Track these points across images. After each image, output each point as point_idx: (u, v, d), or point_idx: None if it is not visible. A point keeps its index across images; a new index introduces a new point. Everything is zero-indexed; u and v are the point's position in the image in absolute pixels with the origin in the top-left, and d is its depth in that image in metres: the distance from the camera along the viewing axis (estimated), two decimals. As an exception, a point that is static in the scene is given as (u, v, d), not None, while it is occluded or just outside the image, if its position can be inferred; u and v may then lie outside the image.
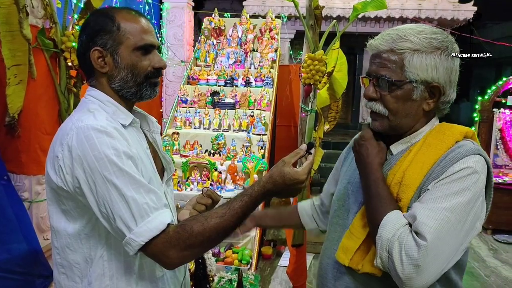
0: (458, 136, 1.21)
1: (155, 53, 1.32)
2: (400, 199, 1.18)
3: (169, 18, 5.70)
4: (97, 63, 1.27)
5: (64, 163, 1.17)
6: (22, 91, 2.49)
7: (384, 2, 2.65)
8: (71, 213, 1.23)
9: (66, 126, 1.22)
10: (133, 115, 1.33)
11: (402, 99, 1.21)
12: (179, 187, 3.94)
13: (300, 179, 1.20)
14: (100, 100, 1.29)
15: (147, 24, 1.32)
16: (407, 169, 1.20)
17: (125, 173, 1.14)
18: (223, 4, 13.98)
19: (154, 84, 1.34)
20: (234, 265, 3.35)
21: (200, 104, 4.74)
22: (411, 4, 7.26)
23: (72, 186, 1.17)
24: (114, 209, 1.13)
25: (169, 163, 1.47)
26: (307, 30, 2.70)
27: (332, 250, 1.35)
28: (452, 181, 1.12)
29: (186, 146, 4.30)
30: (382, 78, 1.22)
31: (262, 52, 5.32)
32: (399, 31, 1.21)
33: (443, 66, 1.19)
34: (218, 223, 1.15)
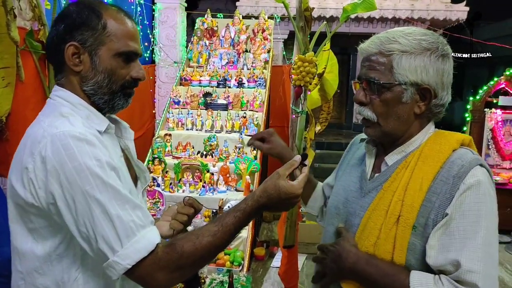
0: (455, 144, 1.18)
1: (137, 63, 1.21)
2: (405, 218, 1.13)
3: (162, 19, 5.67)
4: (70, 59, 1.13)
5: (36, 176, 1.02)
6: (10, 94, 2.49)
7: (373, 4, 2.65)
8: (40, 232, 1.08)
9: (35, 133, 1.06)
10: (108, 120, 1.21)
11: (392, 102, 1.18)
12: (171, 188, 3.92)
13: (296, 193, 1.14)
14: (71, 102, 1.14)
15: (134, 29, 1.20)
16: (408, 187, 1.15)
17: (109, 187, 1.01)
18: (217, 4, 13.96)
19: (128, 95, 1.22)
20: (226, 267, 3.34)
21: (193, 105, 4.73)
22: (404, 4, 7.28)
23: (45, 203, 1.03)
24: (96, 228, 1.00)
25: (144, 171, 1.35)
26: (297, 32, 2.70)
27: None
28: (472, 207, 1.08)
29: (178, 147, 4.29)
30: (371, 81, 1.19)
31: (255, 53, 5.32)
32: (388, 34, 1.19)
33: (433, 67, 1.16)
34: (211, 241, 1.07)
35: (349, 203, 1.31)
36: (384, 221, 1.16)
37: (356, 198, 1.28)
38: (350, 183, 1.34)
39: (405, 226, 1.13)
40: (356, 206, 1.27)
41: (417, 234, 1.12)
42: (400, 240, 1.13)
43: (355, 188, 1.31)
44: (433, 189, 1.12)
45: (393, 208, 1.16)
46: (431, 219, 1.11)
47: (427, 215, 1.11)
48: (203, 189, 3.90)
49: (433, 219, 1.10)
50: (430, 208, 1.11)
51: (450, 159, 1.14)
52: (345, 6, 2.70)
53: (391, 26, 7.61)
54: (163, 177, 3.97)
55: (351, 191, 1.32)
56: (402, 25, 7.53)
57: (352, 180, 1.34)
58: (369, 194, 1.25)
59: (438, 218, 1.10)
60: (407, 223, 1.13)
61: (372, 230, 1.18)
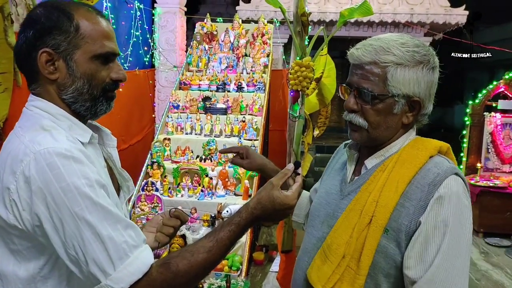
0: (432, 151, 1.20)
1: (116, 63, 1.14)
2: (377, 219, 1.16)
3: (161, 23, 5.70)
4: (44, 67, 1.05)
5: (20, 197, 0.95)
6: (8, 99, 2.49)
7: (370, 9, 2.66)
8: (23, 254, 1.01)
9: (16, 149, 0.98)
10: (91, 130, 1.14)
11: (384, 113, 1.20)
12: (170, 193, 3.93)
13: (290, 204, 1.13)
14: (51, 113, 1.06)
15: (109, 27, 1.12)
16: (383, 189, 1.18)
17: (99, 207, 0.95)
18: (219, 8, 13.98)
19: (110, 98, 1.15)
20: (224, 272, 3.34)
21: (192, 109, 4.73)
22: (404, 8, 7.28)
23: (30, 225, 0.96)
24: (87, 251, 0.94)
25: (127, 180, 1.29)
26: (295, 36, 2.71)
27: (304, 262, 1.34)
28: (445, 219, 1.10)
29: (177, 152, 4.29)
30: (364, 91, 1.20)
31: (254, 57, 5.32)
32: (382, 43, 1.19)
33: (425, 80, 1.18)
34: (206, 258, 1.04)
35: (329, 205, 1.34)
36: (358, 220, 1.19)
37: (336, 200, 1.32)
38: (332, 187, 1.38)
39: (376, 226, 1.15)
40: (335, 207, 1.30)
41: (389, 237, 1.14)
42: (370, 240, 1.15)
43: (336, 191, 1.34)
44: (408, 194, 1.15)
45: (367, 209, 1.18)
46: (405, 225, 1.13)
47: (399, 220, 1.14)
48: (201, 193, 3.90)
49: (406, 225, 1.13)
50: (404, 213, 1.14)
51: (427, 166, 1.17)
52: (342, 11, 2.71)
53: (391, 30, 7.62)
54: (162, 182, 3.97)
55: (332, 194, 1.35)
56: (401, 29, 7.55)
57: (334, 183, 1.37)
58: (347, 196, 1.28)
59: (411, 225, 1.13)
60: (379, 223, 1.15)
61: (346, 229, 1.21)
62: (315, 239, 1.34)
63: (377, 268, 1.15)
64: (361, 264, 1.15)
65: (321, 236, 1.31)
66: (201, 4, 14.01)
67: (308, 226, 1.44)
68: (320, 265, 1.24)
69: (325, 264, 1.22)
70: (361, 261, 1.15)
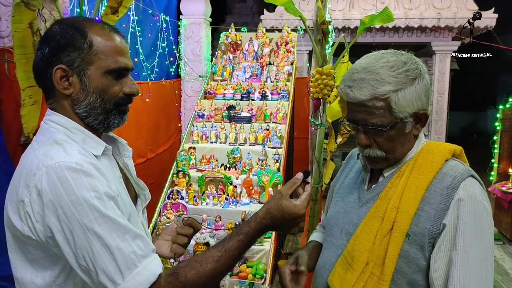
0: (447, 155, 1.23)
1: (128, 78, 1.17)
2: (399, 225, 1.18)
3: (187, 34, 5.80)
4: (59, 83, 1.09)
5: (33, 209, 0.99)
6: (37, 111, 2.59)
7: (391, 15, 2.64)
8: (40, 262, 1.05)
9: (30, 163, 1.03)
10: (104, 142, 1.17)
11: (396, 137, 1.23)
12: (195, 201, 3.97)
13: (299, 213, 1.14)
14: (66, 127, 1.11)
15: (122, 43, 1.15)
16: (403, 195, 1.20)
17: (108, 219, 0.99)
18: (245, 18, 14.13)
19: (123, 112, 1.18)
20: (248, 280, 3.35)
21: (217, 118, 4.78)
22: (430, 13, 7.17)
23: (43, 236, 1.00)
24: (96, 261, 0.97)
25: (143, 189, 1.31)
26: (315, 45, 2.72)
27: (325, 269, 1.35)
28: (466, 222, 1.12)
29: (202, 160, 4.34)
30: (375, 127, 1.21)
31: (278, 65, 5.34)
32: (373, 74, 1.19)
33: (423, 91, 1.21)
34: (214, 268, 1.06)
35: (347, 213, 1.35)
36: (379, 227, 1.21)
37: (354, 208, 1.33)
38: (348, 195, 1.39)
39: (399, 232, 1.17)
40: (354, 215, 1.32)
41: (411, 242, 1.16)
42: (393, 246, 1.16)
43: (353, 199, 1.36)
44: (427, 199, 1.17)
45: (388, 215, 1.20)
46: (427, 229, 1.15)
47: (421, 224, 1.16)
48: (226, 201, 3.93)
49: (429, 228, 1.15)
50: (424, 217, 1.16)
51: (443, 170, 1.19)
52: (362, 19, 2.71)
53: (417, 35, 7.53)
54: (187, 190, 4.02)
55: (349, 202, 1.37)
56: (428, 34, 7.44)
57: (350, 191, 1.39)
58: (366, 204, 1.30)
59: (434, 228, 1.15)
60: (401, 229, 1.17)
61: (367, 235, 1.23)
62: (334, 247, 1.36)
63: (400, 273, 1.17)
64: (385, 270, 1.16)
65: (340, 244, 1.33)
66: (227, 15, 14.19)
67: (326, 235, 1.44)
68: (342, 273, 1.25)
69: (348, 271, 1.23)
70: (385, 267, 1.16)
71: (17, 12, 2.44)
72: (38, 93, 2.67)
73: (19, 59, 2.53)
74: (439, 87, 7.61)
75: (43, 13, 2.58)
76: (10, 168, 2.46)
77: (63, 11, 2.71)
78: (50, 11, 2.64)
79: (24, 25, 2.48)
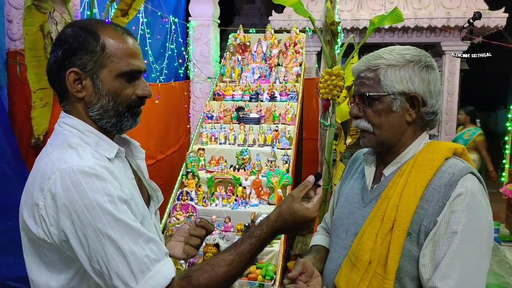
0: (447, 153, 1.23)
1: (141, 80, 1.16)
2: (399, 223, 1.18)
3: (196, 36, 5.81)
4: (72, 86, 1.09)
5: (47, 213, 1.00)
6: (48, 113, 2.61)
7: (401, 15, 2.63)
8: (54, 265, 1.06)
9: (45, 166, 1.03)
10: (117, 145, 1.16)
11: (384, 112, 1.26)
12: (204, 202, 3.98)
13: (311, 216, 1.14)
14: (79, 129, 1.10)
15: (134, 45, 1.15)
16: (402, 193, 1.20)
17: (121, 223, 0.99)
18: (253, 19, 14.15)
19: (136, 114, 1.18)
20: (257, 281, 3.34)
21: (226, 119, 4.79)
22: (440, 13, 7.12)
23: (58, 239, 1.01)
24: (110, 265, 0.98)
25: (156, 191, 1.31)
26: (324, 45, 2.71)
27: (331, 270, 1.36)
28: (458, 216, 1.12)
29: (211, 161, 4.34)
30: (362, 94, 1.27)
31: (287, 66, 5.34)
32: (375, 53, 1.30)
33: (418, 77, 1.23)
34: (227, 271, 1.06)
35: (352, 214, 1.36)
36: (380, 226, 1.21)
37: (358, 209, 1.34)
38: (353, 195, 1.40)
39: (399, 230, 1.17)
40: (358, 216, 1.33)
41: (412, 241, 1.16)
42: (394, 245, 1.17)
43: (358, 199, 1.37)
44: (426, 197, 1.17)
45: (389, 214, 1.20)
46: (424, 226, 1.15)
47: (420, 222, 1.16)
48: (235, 202, 3.93)
49: (425, 226, 1.15)
50: (423, 215, 1.16)
51: (442, 168, 1.20)
52: (372, 19, 2.70)
53: (427, 36, 7.48)
54: (197, 191, 4.03)
55: (354, 202, 1.38)
56: (438, 34, 7.39)
57: (355, 192, 1.40)
58: (369, 204, 1.31)
59: (430, 225, 1.15)
60: (401, 227, 1.17)
61: (369, 235, 1.23)
62: (340, 248, 1.36)
63: (403, 272, 1.16)
64: (388, 269, 1.16)
65: (346, 244, 1.33)
66: (235, 16, 14.23)
67: (332, 235, 1.45)
68: (347, 273, 1.26)
69: (352, 271, 1.24)
70: (388, 266, 1.16)
71: (28, 15, 2.47)
72: (49, 95, 2.69)
73: (30, 61, 2.56)
74: (449, 88, 7.55)
75: (54, 16, 2.61)
76: (23, 170, 2.49)
77: (74, 13, 2.74)
78: (61, 13, 2.67)
79: (35, 28, 2.51)
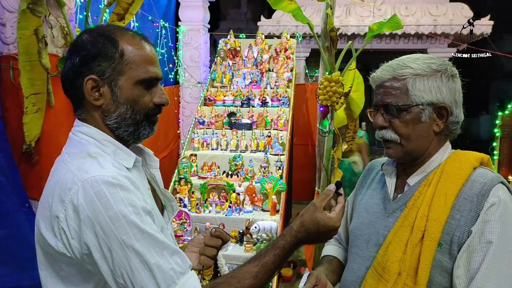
0: (475, 163, 1.22)
1: (158, 87, 1.13)
2: (430, 233, 1.16)
3: (186, 41, 5.77)
4: (90, 94, 1.05)
5: (68, 226, 0.95)
6: (40, 119, 2.54)
7: (399, 23, 2.64)
8: (72, 280, 1.01)
9: (64, 177, 0.99)
10: (134, 154, 1.13)
11: (412, 123, 1.24)
12: (198, 209, 3.93)
13: (335, 226, 1.12)
14: (96, 138, 1.06)
15: (153, 52, 1.13)
16: (432, 203, 1.19)
17: (146, 235, 0.95)
18: (239, 24, 14.14)
19: (153, 123, 1.15)
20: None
21: (217, 125, 4.76)
22: (427, 20, 7.22)
23: (79, 253, 0.96)
24: (135, 279, 0.94)
25: (171, 200, 1.27)
26: (323, 52, 2.70)
27: (352, 282, 1.33)
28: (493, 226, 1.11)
29: (204, 167, 4.30)
30: (389, 105, 1.24)
31: (278, 72, 5.34)
32: (398, 61, 1.27)
33: (446, 87, 1.22)
34: (252, 284, 1.03)
35: (373, 224, 1.34)
36: (410, 236, 1.19)
37: (380, 219, 1.32)
38: (373, 205, 1.37)
39: (430, 241, 1.15)
40: (380, 226, 1.31)
41: (443, 251, 1.14)
42: (425, 255, 1.15)
43: (379, 209, 1.34)
44: (457, 207, 1.16)
45: (418, 224, 1.18)
46: (457, 237, 1.13)
47: (452, 232, 1.14)
48: (229, 209, 3.89)
49: (458, 236, 1.13)
50: (455, 225, 1.14)
51: (472, 178, 1.19)
52: (370, 26, 2.70)
53: (414, 42, 7.57)
54: (190, 198, 3.98)
55: (374, 212, 1.35)
56: (425, 41, 7.49)
57: (375, 202, 1.38)
58: (393, 214, 1.28)
59: (463, 236, 1.13)
60: (432, 237, 1.15)
61: (397, 246, 1.21)
62: (360, 259, 1.33)
63: (434, 283, 1.15)
64: (419, 280, 1.14)
65: (367, 255, 1.30)
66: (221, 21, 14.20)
67: (351, 246, 1.41)
68: (374, 285, 1.23)
69: (380, 283, 1.21)
70: (418, 277, 1.14)
71: (22, 19, 2.40)
72: (41, 100, 2.63)
73: (23, 66, 2.49)
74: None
75: (49, 20, 2.54)
76: (16, 177, 2.42)
77: (69, 17, 2.68)
78: (56, 17, 2.61)
79: (29, 32, 2.44)
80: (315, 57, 8.53)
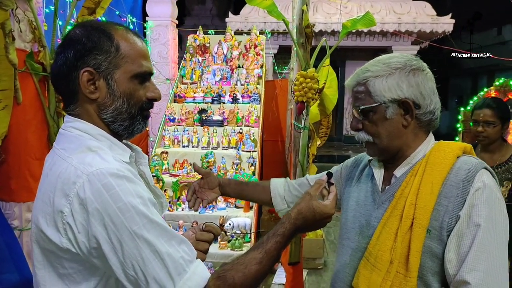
0: (458, 151, 1.27)
1: (151, 82, 1.15)
2: (419, 220, 1.20)
3: (153, 37, 5.69)
4: (85, 86, 1.05)
5: (75, 220, 0.94)
6: (7, 116, 2.44)
7: (373, 20, 2.69)
8: (73, 277, 1.00)
9: (65, 171, 0.97)
10: (129, 149, 1.13)
11: (379, 121, 1.30)
12: (170, 207, 3.87)
13: (330, 213, 1.21)
14: (91, 134, 1.06)
15: (144, 46, 1.15)
16: (419, 192, 1.23)
17: (155, 225, 0.96)
18: (204, 20, 14.03)
19: (146, 117, 1.16)
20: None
21: (188, 122, 4.70)
22: (391, 18, 7.40)
23: (86, 248, 0.95)
24: (147, 270, 0.93)
25: (160, 197, 1.28)
26: (298, 48, 2.72)
27: (345, 274, 1.36)
28: (480, 209, 1.15)
29: (175, 165, 4.25)
30: (357, 108, 1.33)
31: (248, 68, 5.33)
32: (363, 66, 1.35)
33: (406, 82, 1.27)
34: (258, 269, 1.06)
35: (363, 216, 1.38)
36: (399, 225, 1.23)
37: (370, 211, 1.36)
38: (362, 198, 1.42)
39: (419, 228, 1.20)
40: (370, 218, 1.35)
41: (432, 237, 1.19)
42: (415, 242, 1.19)
43: (369, 201, 1.39)
44: (443, 193, 1.21)
45: (407, 212, 1.23)
46: (446, 222, 1.18)
47: (440, 219, 1.19)
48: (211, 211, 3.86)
49: (447, 221, 1.18)
50: (443, 211, 1.19)
51: (456, 165, 1.24)
52: (344, 23, 2.73)
53: (379, 39, 7.74)
54: (162, 196, 3.91)
55: (365, 205, 1.40)
56: (389, 38, 7.67)
57: (365, 194, 1.42)
58: (382, 205, 1.33)
59: (452, 221, 1.18)
60: (421, 225, 1.20)
61: (388, 235, 1.25)
62: (351, 250, 1.37)
63: (425, 269, 1.19)
64: (410, 267, 1.18)
65: (357, 246, 1.35)
66: (186, 17, 14.05)
67: (342, 238, 1.45)
68: (367, 275, 1.26)
69: (373, 272, 1.24)
70: (410, 264, 1.18)
71: (-12, 12, 2.29)
72: (8, 97, 2.51)
73: (-11, 61, 2.38)
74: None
75: (17, 14, 2.43)
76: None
77: (37, 11, 2.57)
78: (24, 11, 2.50)
79: (-5, 27, 2.33)
80: (283, 53, 8.58)
